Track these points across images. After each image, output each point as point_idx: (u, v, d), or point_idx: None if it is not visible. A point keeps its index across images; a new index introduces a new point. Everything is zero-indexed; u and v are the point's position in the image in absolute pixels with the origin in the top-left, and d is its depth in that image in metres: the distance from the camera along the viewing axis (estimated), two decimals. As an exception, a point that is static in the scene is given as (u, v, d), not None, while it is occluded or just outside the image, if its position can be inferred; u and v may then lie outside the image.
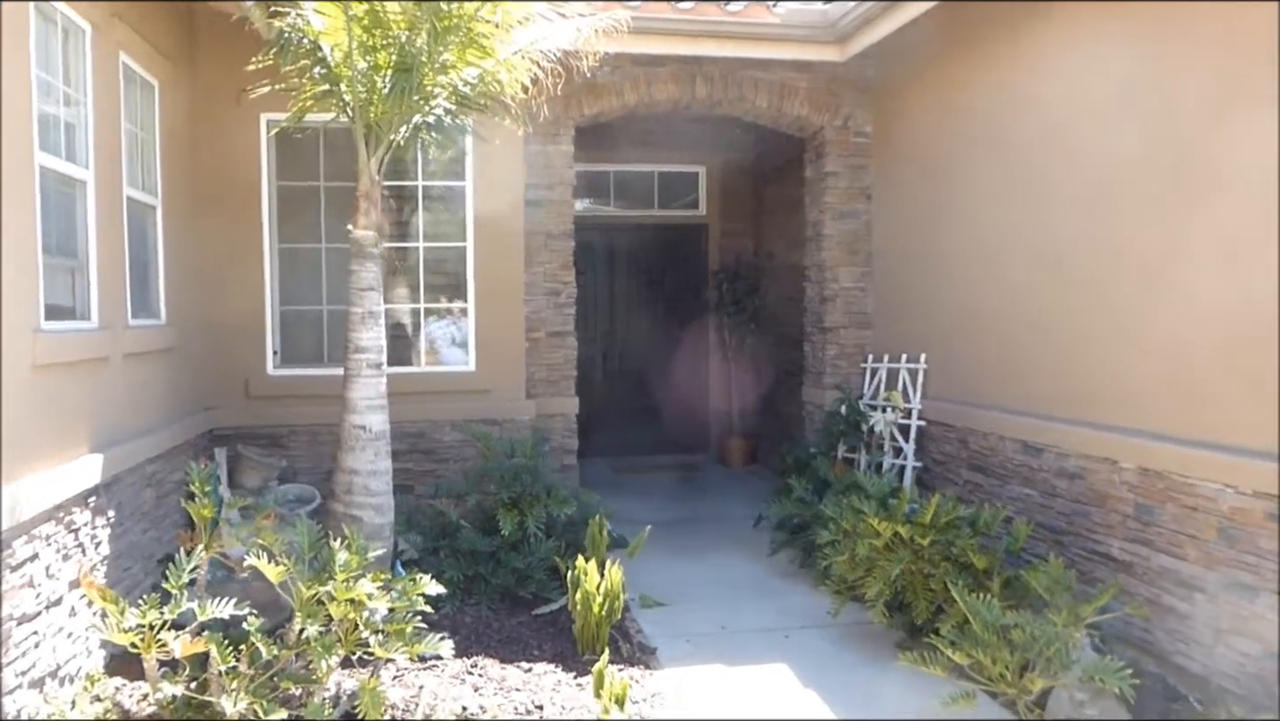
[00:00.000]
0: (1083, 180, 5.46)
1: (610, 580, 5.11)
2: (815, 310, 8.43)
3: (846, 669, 4.99)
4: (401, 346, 7.27)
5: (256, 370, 6.98)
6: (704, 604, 6.01)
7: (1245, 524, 4.32)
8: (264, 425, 6.95)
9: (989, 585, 4.88)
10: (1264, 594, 4.21)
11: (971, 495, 6.48)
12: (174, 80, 6.20)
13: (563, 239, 7.70)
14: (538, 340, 7.66)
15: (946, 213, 6.93)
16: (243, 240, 6.91)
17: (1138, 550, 4.98)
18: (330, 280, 7.17)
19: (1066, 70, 5.63)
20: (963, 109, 6.72)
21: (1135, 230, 5.05)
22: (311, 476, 6.87)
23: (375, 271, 5.34)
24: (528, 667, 4.94)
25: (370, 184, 5.30)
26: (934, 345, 7.19)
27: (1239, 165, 4.39)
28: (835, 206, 8.15)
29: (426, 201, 7.37)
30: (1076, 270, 5.52)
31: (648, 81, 7.76)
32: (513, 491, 6.19)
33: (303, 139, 6.79)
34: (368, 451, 5.27)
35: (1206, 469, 4.53)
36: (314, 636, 3.81)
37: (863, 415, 7.51)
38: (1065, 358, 5.62)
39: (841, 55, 7.55)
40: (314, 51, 5.25)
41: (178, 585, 3.81)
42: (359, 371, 5.30)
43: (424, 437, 7.12)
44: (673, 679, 4.86)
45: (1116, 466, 5.15)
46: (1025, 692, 4.26)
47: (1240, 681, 4.32)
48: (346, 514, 5.21)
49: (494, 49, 5.31)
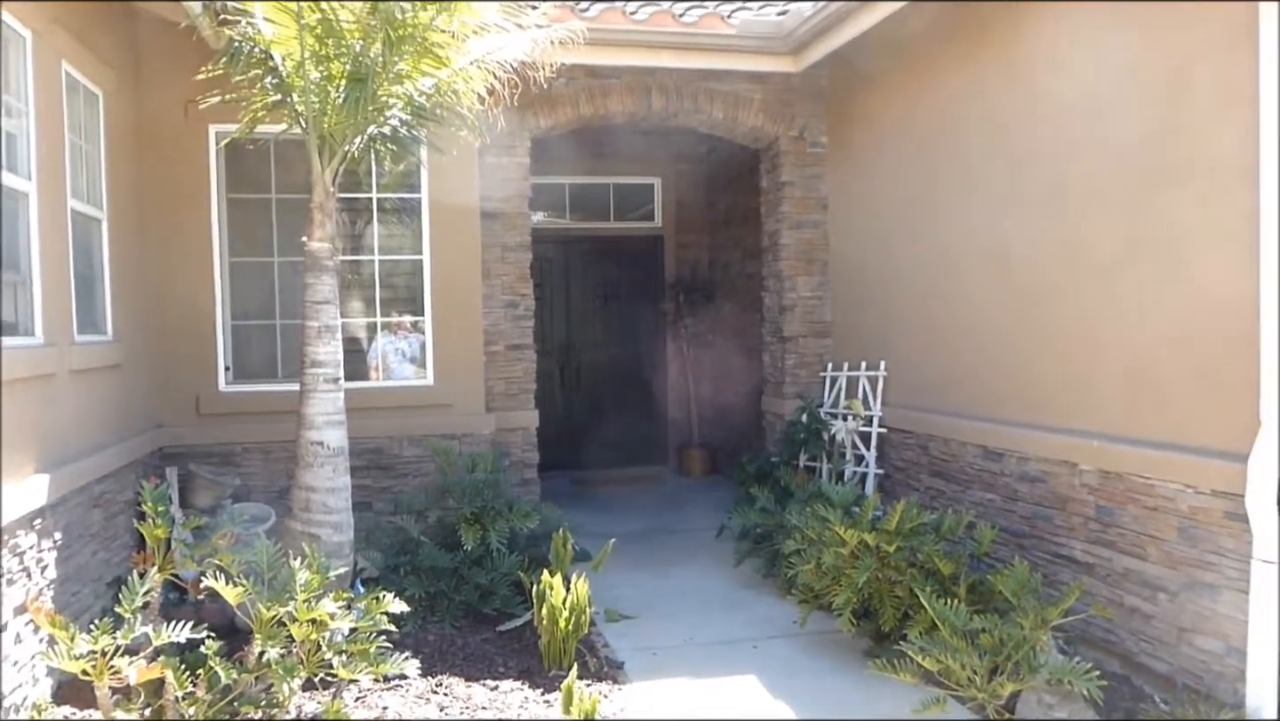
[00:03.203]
0: (1035, 183, 5.53)
1: (576, 594, 5.05)
2: (774, 320, 8.45)
3: (815, 677, 4.97)
4: (359, 361, 7.15)
5: (208, 386, 6.82)
6: (670, 616, 5.96)
7: (1205, 523, 4.37)
8: (216, 443, 6.77)
9: (955, 590, 4.89)
10: (1225, 592, 4.26)
11: (933, 501, 6.51)
12: (119, 90, 6.05)
13: (520, 251, 7.65)
14: (496, 353, 7.58)
15: (902, 220, 6.98)
16: (192, 254, 6.75)
17: (1100, 552, 5.03)
18: (284, 294, 7.03)
19: (1015, 74, 5.71)
20: (915, 116, 6.79)
21: (1089, 232, 5.12)
22: (266, 495, 6.71)
23: (331, 284, 5.24)
24: (494, 685, 4.85)
25: (324, 196, 5.20)
26: (893, 352, 7.23)
27: (1192, 164, 4.46)
28: (792, 216, 8.18)
29: (382, 214, 7.27)
30: (1032, 273, 5.58)
31: (603, 93, 7.75)
32: (474, 506, 6.11)
33: (254, 150, 6.65)
34: (325, 468, 5.16)
35: (1166, 469, 4.59)
36: (275, 659, 3.71)
37: (824, 423, 7.53)
38: (1023, 361, 5.68)
39: (796, 66, 7.60)
40: (265, 61, 5.15)
41: (130, 609, 3.68)
42: (315, 386, 5.19)
43: (383, 453, 6.99)
44: (641, 692, 4.81)
45: (1076, 469, 5.20)
46: (994, 697, 4.27)
47: (1204, 680, 4.37)
48: (305, 532, 5.08)
49: (449, 59, 5.26)
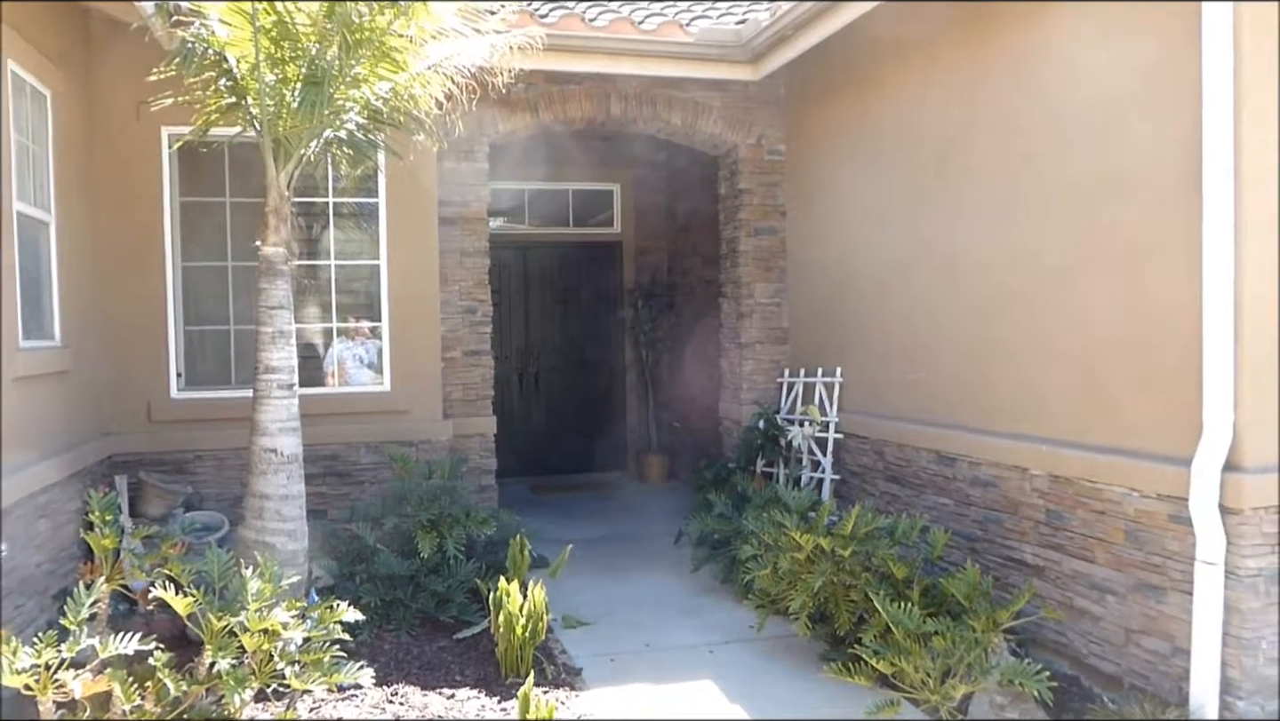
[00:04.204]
0: (987, 192, 5.62)
1: (533, 601, 5.03)
2: (732, 326, 8.49)
3: (772, 682, 5.00)
4: (314, 367, 7.07)
5: (159, 393, 6.70)
6: (628, 622, 5.97)
7: (1151, 526, 4.47)
8: (168, 450, 6.65)
9: (909, 594, 4.94)
10: (1170, 593, 4.35)
11: (889, 506, 6.58)
12: (68, 91, 5.93)
13: (478, 257, 7.62)
14: (454, 359, 7.54)
15: (858, 228, 7.06)
16: (143, 258, 6.63)
17: (1050, 555, 5.11)
18: (238, 299, 6.93)
19: (964, 85, 5.80)
20: (871, 126, 6.87)
21: (1039, 241, 5.21)
22: (219, 503, 6.62)
23: (285, 289, 5.19)
24: (450, 694, 4.82)
25: (279, 200, 5.15)
26: (849, 359, 7.30)
27: (1138, 173, 4.56)
28: (750, 223, 8.24)
29: (339, 218, 7.20)
30: (984, 281, 5.67)
31: (563, 99, 7.76)
32: (431, 513, 6.07)
33: (207, 153, 6.56)
34: (279, 475, 5.10)
35: (1113, 474, 4.68)
36: (226, 669, 3.64)
37: (780, 429, 7.58)
38: (976, 368, 5.76)
39: (755, 75, 7.65)
40: (219, 63, 5.08)
41: (76, 621, 3.59)
42: (269, 393, 5.13)
43: (338, 460, 6.92)
44: (599, 698, 4.80)
45: (1027, 474, 5.28)
46: (947, 699, 4.33)
47: (1150, 680, 4.46)
48: (258, 540, 5.02)
49: (407, 63, 5.22)
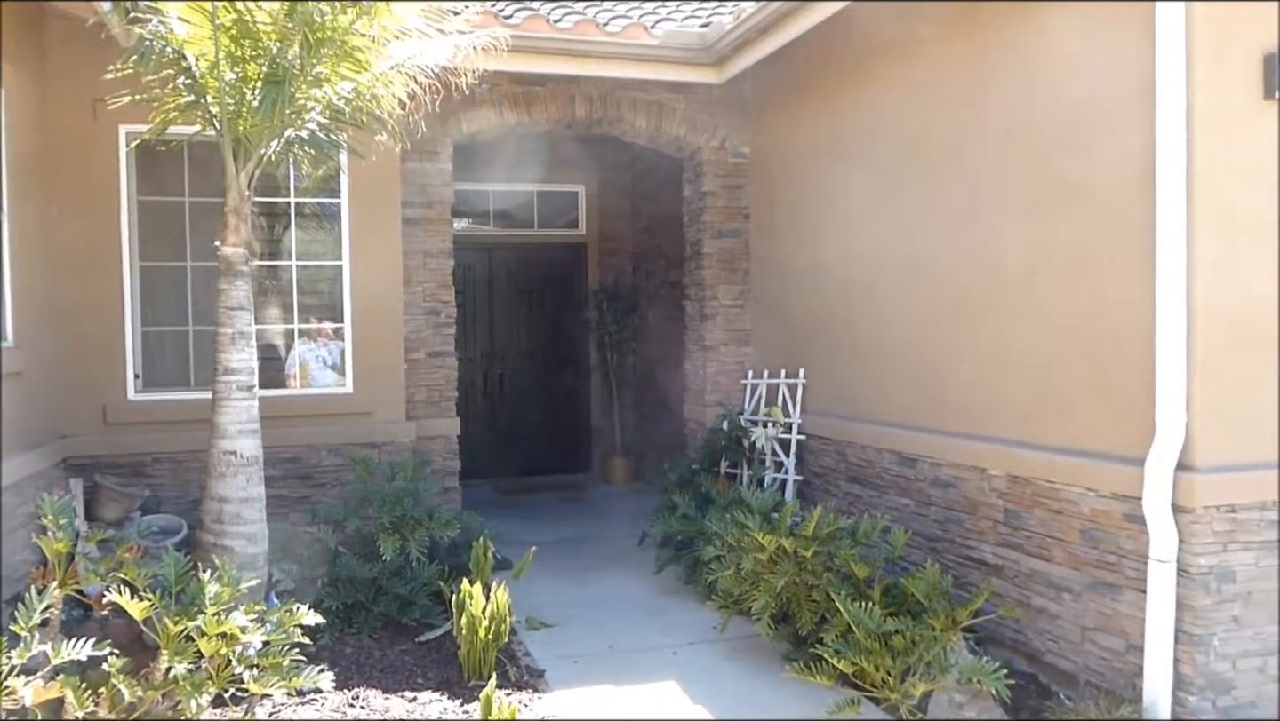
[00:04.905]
0: (949, 196, 5.68)
1: (496, 603, 5.02)
2: (695, 328, 8.52)
3: (735, 682, 5.03)
4: (275, 368, 6.99)
5: (115, 395, 6.60)
6: (591, 624, 5.97)
7: (1106, 525, 4.54)
8: (125, 453, 6.56)
9: (870, 593, 4.98)
10: (1125, 591, 4.43)
11: (851, 506, 6.63)
12: (22, 88, 5.83)
13: (442, 258, 7.58)
14: (417, 361, 7.50)
15: (821, 230, 7.11)
16: (100, 258, 6.53)
17: (1008, 554, 5.18)
18: (197, 299, 6.84)
19: (924, 90, 5.86)
20: (834, 129, 6.92)
21: (1001, 244, 5.28)
22: (177, 506, 6.52)
23: (246, 290, 5.14)
24: (412, 697, 4.80)
25: (239, 199, 5.10)
26: (812, 360, 7.35)
27: (1095, 179, 4.64)
28: (714, 225, 8.26)
29: (300, 219, 7.13)
30: (945, 284, 5.73)
31: (527, 100, 7.74)
32: (394, 515, 6.03)
33: (166, 152, 6.47)
34: (239, 478, 5.05)
35: (1070, 474, 4.75)
36: (182, 674, 3.60)
37: (744, 431, 7.61)
38: (936, 370, 5.83)
39: (719, 77, 7.68)
40: (178, 61, 5.02)
41: (28, 626, 3.53)
42: (229, 394, 5.08)
43: (300, 462, 6.86)
44: (562, 701, 4.80)
45: (986, 474, 5.35)
46: (907, 697, 4.37)
47: (1105, 676, 4.54)
48: (217, 544, 4.97)
49: (370, 63, 5.19)
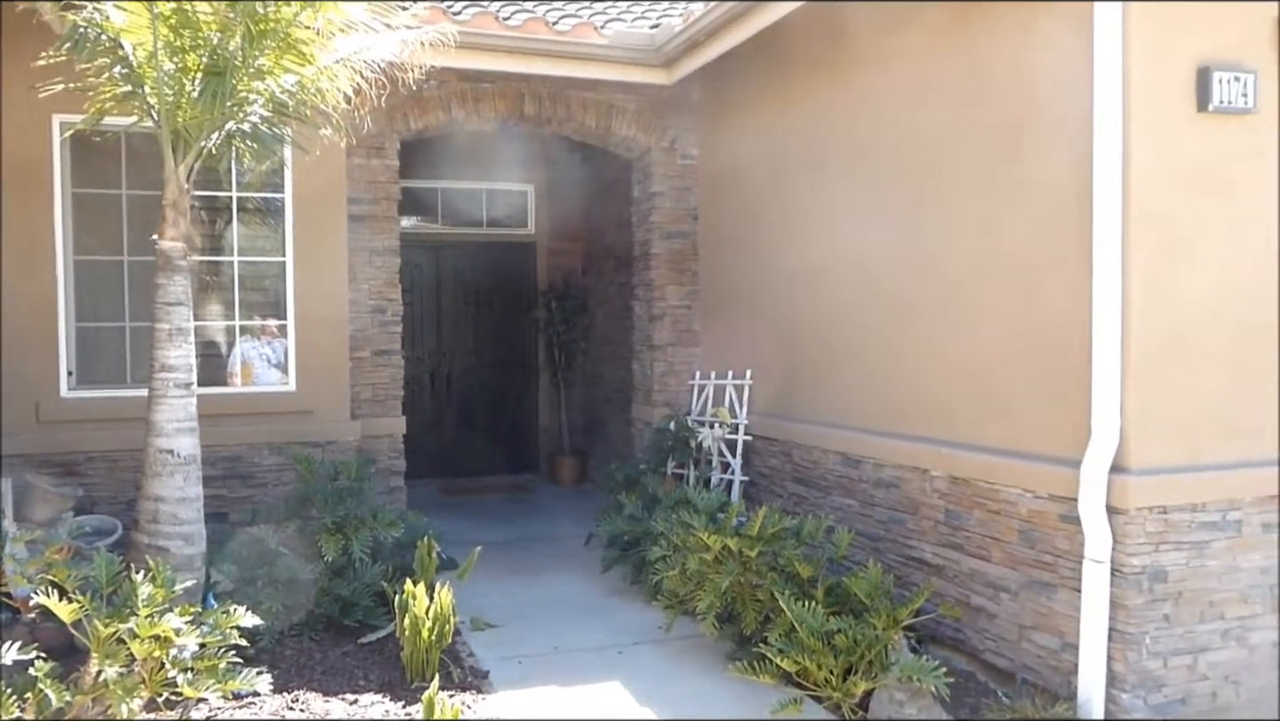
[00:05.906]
0: (892, 201, 5.75)
1: (440, 603, 4.97)
2: (644, 328, 8.53)
3: (680, 682, 5.03)
4: (216, 366, 6.86)
5: (48, 392, 6.42)
6: (537, 624, 5.94)
7: (1042, 526, 4.63)
8: (57, 451, 6.37)
9: (814, 593, 5.02)
10: (1060, 591, 4.52)
11: (796, 506, 6.68)
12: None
13: (388, 255, 7.50)
14: (362, 359, 7.41)
15: (767, 232, 7.16)
16: (32, 252, 6.34)
17: (949, 554, 5.26)
18: (134, 295, 6.68)
19: (867, 96, 5.93)
20: (781, 133, 6.97)
21: (942, 249, 5.36)
22: (112, 506, 6.36)
23: (184, 285, 5.04)
24: (353, 699, 4.73)
25: (178, 193, 5.00)
26: (758, 362, 7.39)
27: (1034, 185, 4.72)
28: (662, 226, 8.29)
29: (242, 214, 7.00)
30: (890, 288, 5.80)
31: (475, 97, 7.69)
32: (336, 515, 5.94)
33: (102, 143, 6.30)
34: (176, 477, 4.95)
35: (1008, 475, 4.84)
36: (113, 678, 3.52)
37: (691, 431, 7.63)
38: (880, 372, 5.90)
39: (668, 79, 7.70)
40: (115, 49, 4.90)
41: (-48, 630, 3.44)
42: (166, 392, 4.98)
43: (241, 461, 6.73)
44: (506, 702, 4.77)
45: (928, 475, 5.43)
46: (849, 695, 4.42)
47: (1041, 674, 4.62)
48: (152, 545, 4.86)
49: (314, 56, 5.11)
